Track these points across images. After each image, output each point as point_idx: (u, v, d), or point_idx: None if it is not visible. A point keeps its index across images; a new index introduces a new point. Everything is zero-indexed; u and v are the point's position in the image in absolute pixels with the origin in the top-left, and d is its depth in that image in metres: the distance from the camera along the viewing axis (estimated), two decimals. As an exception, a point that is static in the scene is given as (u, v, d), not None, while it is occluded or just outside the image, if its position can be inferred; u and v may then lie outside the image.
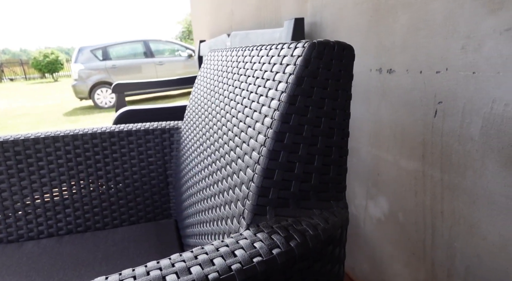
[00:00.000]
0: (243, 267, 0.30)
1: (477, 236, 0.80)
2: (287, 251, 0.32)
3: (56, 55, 22.29)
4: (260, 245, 0.33)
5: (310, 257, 0.34)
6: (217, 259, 0.31)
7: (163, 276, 0.29)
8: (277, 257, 0.32)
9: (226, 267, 0.30)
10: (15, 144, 0.81)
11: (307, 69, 0.36)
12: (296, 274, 0.34)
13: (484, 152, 0.74)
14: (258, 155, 0.39)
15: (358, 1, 1.04)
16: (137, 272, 0.27)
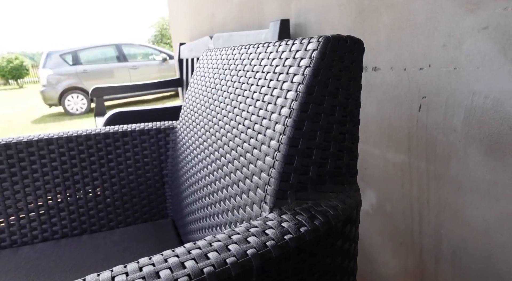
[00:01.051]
0: (277, 244, 0.32)
1: (462, 221, 0.86)
2: (313, 229, 0.35)
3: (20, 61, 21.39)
4: (288, 224, 0.35)
5: (332, 236, 0.37)
6: (251, 238, 0.33)
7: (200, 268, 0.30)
8: (306, 234, 0.34)
9: (261, 244, 0.32)
10: (7, 147, 0.79)
11: (323, 62, 0.39)
12: (321, 252, 0.36)
13: (467, 142, 0.80)
14: (278, 143, 0.41)
15: (342, 3, 1.09)
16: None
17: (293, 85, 0.42)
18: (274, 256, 0.32)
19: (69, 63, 7.99)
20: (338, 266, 0.39)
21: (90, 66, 8.12)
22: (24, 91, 15.17)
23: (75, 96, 7.99)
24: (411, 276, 1.04)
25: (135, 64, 8.58)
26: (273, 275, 0.32)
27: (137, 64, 8.59)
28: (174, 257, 0.31)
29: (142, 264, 0.30)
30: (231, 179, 0.52)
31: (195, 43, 2.26)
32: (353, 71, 0.40)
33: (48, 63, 7.88)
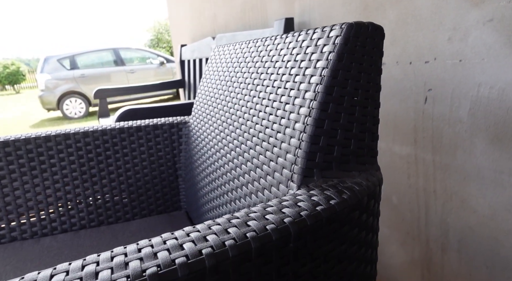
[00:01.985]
0: (311, 214, 0.35)
1: (468, 209, 0.88)
2: (342, 201, 0.37)
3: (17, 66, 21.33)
4: (318, 197, 0.38)
5: (359, 209, 0.39)
6: (286, 209, 0.36)
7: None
8: (336, 206, 0.36)
9: (296, 213, 0.35)
10: (26, 142, 0.81)
11: (347, 47, 0.41)
12: (349, 224, 0.38)
13: (473, 132, 0.83)
14: (303, 125, 0.43)
15: (346, 1, 1.12)
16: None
17: (316, 70, 0.44)
18: (309, 224, 0.34)
19: (67, 67, 7.99)
20: (363, 239, 0.41)
21: (88, 71, 8.12)
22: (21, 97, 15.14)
23: (73, 100, 7.98)
24: (418, 265, 1.07)
25: (133, 68, 8.58)
26: (308, 243, 0.34)
27: (134, 68, 8.60)
28: (216, 225, 0.33)
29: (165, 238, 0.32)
30: (253, 164, 0.54)
31: (197, 45, 2.28)
32: (374, 56, 0.43)
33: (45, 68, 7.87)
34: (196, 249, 0.30)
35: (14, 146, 0.80)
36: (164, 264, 0.28)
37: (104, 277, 0.26)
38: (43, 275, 0.26)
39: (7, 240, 0.80)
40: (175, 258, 0.28)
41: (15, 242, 0.79)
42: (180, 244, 0.30)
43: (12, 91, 21.17)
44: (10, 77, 20.81)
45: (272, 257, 0.32)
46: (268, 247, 0.32)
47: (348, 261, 0.39)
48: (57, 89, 7.82)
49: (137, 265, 0.28)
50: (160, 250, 0.29)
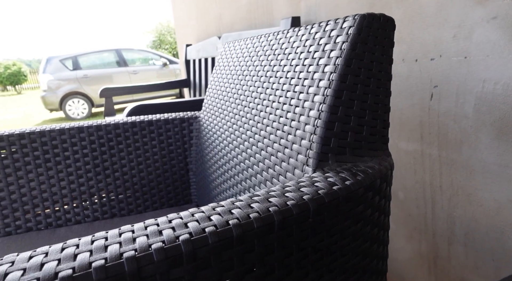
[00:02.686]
0: (328, 192, 0.37)
1: (474, 203, 0.90)
2: (357, 182, 0.39)
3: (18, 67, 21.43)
4: (333, 179, 0.40)
5: (372, 190, 0.41)
6: (304, 188, 0.37)
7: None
8: (351, 186, 0.38)
9: (314, 192, 0.37)
10: (41, 134, 0.83)
11: (360, 37, 0.43)
12: (363, 204, 0.40)
13: (478, 127, 0.85)
14: (318, 111, 0.45)
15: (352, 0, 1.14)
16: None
17: (330, 60, 0.46)
18: (326, 201, 0.36)
19: (69, 68, 8.03)
20: (376, 220, 0.43)
21: (91, 71, 8.16)
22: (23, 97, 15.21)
23: (76, 101, 8.02)
24: (425, 259, 1.08)
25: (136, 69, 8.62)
26: (325, 219, 0.36)
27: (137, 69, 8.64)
28: (240, 202, 0.35)
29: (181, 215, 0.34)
30: (267, 152, 0.56)
31: (202, 44, 2.31)
32: (386, 46, 0.45)
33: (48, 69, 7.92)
34: (224, 220, 0.32)
35: (29, 138, 0.82)
36: (196, 232, 0.30)
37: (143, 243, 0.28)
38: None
39: (23, 230, 0.82)
40: (204, 227, 0.30)
41: (31, 232, 0.81)
42: (208, 216, 0.32)
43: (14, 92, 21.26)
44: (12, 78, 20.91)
45: (292, 231, 0.34)
46: (289, 221, 0.34)
47: (363, 240, 0.41)
48: (59, 89, 7.86)
49: (170, 232, 0.30)
50: (191, 221, 0.31)
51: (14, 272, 0.25)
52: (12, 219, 0.80)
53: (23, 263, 0.26)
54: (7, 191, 0.80)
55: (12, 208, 0.81)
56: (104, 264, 0.26)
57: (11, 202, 0.81)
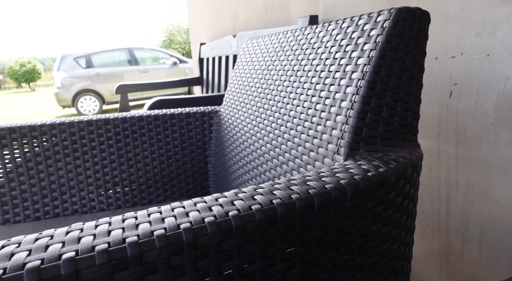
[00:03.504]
0: (363, 178, 0.38)
1: (491, 200, 0.90)
2: (389, 170, 0.40)
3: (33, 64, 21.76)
4: (367, 166, 0.41)
5: (403, 178, 0.42)
6: (339, 174, 0.39)
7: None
8: (385, 173, 0.40)
9: (350, 177, 0.38)
10: (70, 125, 0.86)
11: (395, 30, 0.45)
12: (395, 191, 0.42)
13: (498, 124, 0.85)
14: (351, 102, 0.47)
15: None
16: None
17: (364, 53, 0.48)
18: (362, 186, 0.38)
19: (83, 66, 8.15)
20: (405, 208, 0.44)
21: (103, 70, 8.27)
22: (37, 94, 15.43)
23: (88, 98, 8.13)
24: (437, 256, 1.09)
25: (146, 67, 8.70)
26: (360, 204, 0.38)
27: (148, 67, 8.72)
28: (278, 184, 0.37)
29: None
30: (294, 143, 0.58)
31: (217, 43, 2.33)
32: (420, 39, 0.46)
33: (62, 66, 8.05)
34: (268, 198, 0.33)
35: (59, 129, 0.85)
36: (243, 209, 0.31)
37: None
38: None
39: (51, 216, 0.85)
40: (251, 204, 0.32)
41: (59, 218, 0.84)
42: (251, 196, 0.34)
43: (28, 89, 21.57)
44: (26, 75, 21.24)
45: (330, 213, 0.36)
46: (327, 203, 0.35)
47: (393, 226, 0.42)
48: (72, 87, 7.98)
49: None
50: (236, 199, 0.33)
51: (20, 253, 0.26)
52: (41, 204, 0.83)
53: (29, 245, 0.27)
54: (37, 178, 0.83)
55: (42, 194, 0.83)
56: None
57: (40, 188, 0.83)
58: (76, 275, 0.26)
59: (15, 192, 0.82)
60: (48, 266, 0.25)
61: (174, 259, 0.28)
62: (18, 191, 0.83)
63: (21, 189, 0.82)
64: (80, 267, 0.26)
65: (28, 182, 0.83)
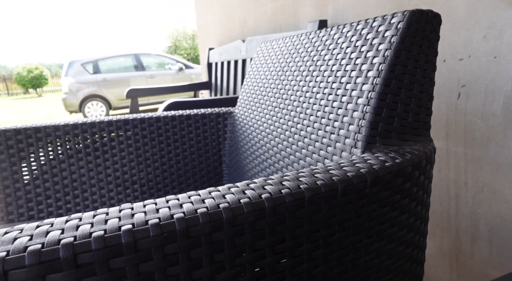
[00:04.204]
0: (382, 167, 0.41)
1: (500, 200, 0.92)
2: (405, 161, 0.43)
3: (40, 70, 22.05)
4: (384, 157, 0.44)
5: (418, 170, 0.45)
6: (358, 164, 0.42)
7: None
8: (401, 163, 0.42)
9: (369, 166, 0.41)
10: (92, 125, 0.90)
11: (409, 30, 0.48)
12: (410, 181, 0.44)
13: (506, 125, 0.87)
14: (367, 99, 0.50)
15: (380, 2, 1.19)
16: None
17: (379, 52, 0.51)
18: (381, 175, 0.40)
19: (90, 72, 8.25)
20: (420, 198, 0.47)
21: (110, 75, 8.37)
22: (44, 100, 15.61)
23: (95, 103, 8.22)
24: (446, 256, 1.10)
25: (152, 73, 8.79)
26: (379, 192, 0.41)
27: (154, 73, 8.81)
28: (303, 173, 0.40)
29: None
30: (311, 139, 0.61)
31: (226, 47, 2.37)
32: (432, 39, 0.49)
33: (70, 72, 8.15)
34: (296, 184, 0.36)
35: (81, 128, 0.89)
36: (274, 192, 0.34)
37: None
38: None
39: (73, 213, 0.88)
40: (281, 189, 0.35)
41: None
42: (280, 182, 0.37)
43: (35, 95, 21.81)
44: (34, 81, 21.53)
45: (352, 199, 0.38)
46: (349, 189, 0.38)
47: (408, 215, 0.45)
48: (80, 92, 8.07)
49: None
50: (266, 185, 0.36)
51: (22, 238, 0.28)
52: (63, 202, 0.87)
53: (30, 231, 0.29)
54: (60, 176, 0.86)
55: (64, 192, 0.87)
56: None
57: (63, 186, 0.87)
58: (74, 258, 0.27)
59: (39, 189, 0.86)
60: (47, 249, 0.27)
61: (167, 247, 0.30)
62: (42, 189, 0.86)
63: (45, 186, 0.86)
64: (77, 251, 0.28)
65: (52, 179, 0.87)
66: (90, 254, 0.28)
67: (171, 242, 0.30)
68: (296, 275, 0.37)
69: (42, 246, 0.27)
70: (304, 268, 0.37)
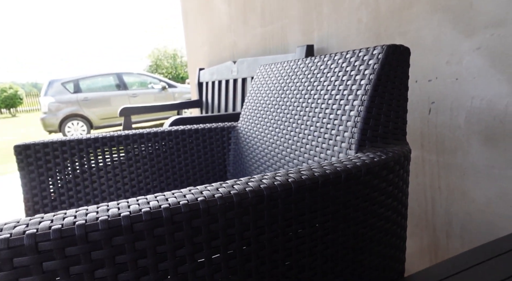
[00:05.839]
0: (373, 161, 0.55)
1: (468, 200, 1.08)
2: (389, 157, 0.57)
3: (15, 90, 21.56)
4: (373, 155, 0.58)
5: (399, 164, 0.59)
6: (354, 159, 0.55)
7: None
8: (386, 159, 0.56)
9: (362, 161, 0.54)
10: (111, 139, 1.00)
11: (387, 60, 0.63)
12: (392, 173, 0.58)
13: (469, 135, 1.04)
14: (357, 111, 0.64)
15: (360, 31, 1.36)
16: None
17: (365, 76, 0.65)
18: (372, 167, 0.54)
19: (70, 91, 8.20)
20: (400, 187, 0.61)
21: (91, 94, 8.33)
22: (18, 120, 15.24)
23: (75, 123, 8.15)
24: (426, 252, 1.24)
25: (135, 92, 8.82)
26: (371, 179, 0.54)
27: (136, 92, 8.84)
28: (306, 166, 0.53)
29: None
30: (312, 145, 0.74)
31: (216, 68, 2.52)
32: (404, 66, 0.64)
33: (49, 91, 8.08)
34: (311, 173, 0.49)
35: (101, 142, 0.99)
36: (283, 180, 0.47)
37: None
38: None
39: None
40: (288, 178, 0.48)
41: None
42: (287, 173, 0.50)
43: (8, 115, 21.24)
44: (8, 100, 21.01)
45: (351, 184, 0.52)
46: (349, 177, 0.51)
47: (392, 199, 0.59)
48: (60, 111, 7.99)
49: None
50: (277, 176, 0.49)
51: (45, 221, 0.37)
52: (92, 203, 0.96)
53: (51, 217, 0.38)
54: (98, 182, 0.96)
55: (102, 196, 0.96)
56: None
57: (101, 191, 0.96)
58: (85, 236, 0.36)
59: (80, 194, 0.95)
60: (66, 228, 0.36)
61: (157, 230, 0.40)
62: (83, 194, 0.96)
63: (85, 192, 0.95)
64: (88, 230, 0.36)
65: (75, 188, 0.97)
66: (97, 233, 0.37)
67: (159, 226, 0.39)
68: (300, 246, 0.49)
69: (62, 226, 0.36)
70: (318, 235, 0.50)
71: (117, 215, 0.37)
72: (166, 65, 28.81)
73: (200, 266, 0.42)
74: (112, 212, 0.38)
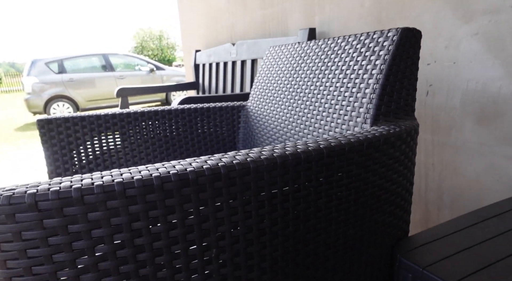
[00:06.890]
0: (387, 132, 0.62)
1: (459, 175, 1.17)
2: (401, 130, 0.64)
3: (-6, 70, 20.79)
4: (388, 128, 0.65)
5: (409, 136, 0.66)
6: (372, 131, 0.62)
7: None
8: (399, 131, 0.63)
9: (379, 132, 0.61)
10: (128, 116, 1.05)
11: (401, 42, 0.69)
12: (404, 145, 0.65)
13: (463, 116, 1.12)
14: (373, 89, 0.70)
15: (362, 15, 1.42)
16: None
17: (380, 57, 0.71)
18: (388, 137, 0.61)
19: (55, 71, 7.99)
20: (410, 157, 0.68)
21: (77, 75, 8.14)
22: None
23: (61, 104, 7.99)
24: (418, 225, 1.35)
25: (122, 74, 8.67)
26: (387, 148, 0.61)
27: (123, 74, 8.68)
28: (323, 138, 0.59)
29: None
30: (327, 121, 0.81)
31: (214, 50, 2.54)
32: (416, 48, 0.70)
33: (32, 71, 7.85)
34: (328, 142, 0.56)
35: (119, 118, 1.03)
36: (304, 148, 0.54)
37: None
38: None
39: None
40: (306, 147, 0.54)
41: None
42: (306, 142, 0.56)
43: (-13, 95, 20.55)
44: (-14, 81, 20.30)
45: (371, 152, 0.59)
46: (370, 145, 0.58)
47: (403, 167, 0.66)
48: (44, 93, 7.80)
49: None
50: (297, 145, 0.55)
51: (65, 182, 0.41)
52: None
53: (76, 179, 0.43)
54: (116, 156, 1.01)
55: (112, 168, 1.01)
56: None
57: (119, 165, 1.01)
58: (81, 198, 0.39)
59: (100, 167, 1.00)
60: (63, 190, 0.39)
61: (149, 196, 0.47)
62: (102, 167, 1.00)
63: (104, 165, 1.00)
64: (83, 193, 0.40)
65: (95, 161, 1.01)
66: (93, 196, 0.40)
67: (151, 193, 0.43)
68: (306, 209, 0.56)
69: (59, 188, 0.40)
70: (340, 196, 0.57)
71: (111, 181, 0.42)
72: (152, 46, 28.20)
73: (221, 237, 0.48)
74: (106, 179, 0.42)
